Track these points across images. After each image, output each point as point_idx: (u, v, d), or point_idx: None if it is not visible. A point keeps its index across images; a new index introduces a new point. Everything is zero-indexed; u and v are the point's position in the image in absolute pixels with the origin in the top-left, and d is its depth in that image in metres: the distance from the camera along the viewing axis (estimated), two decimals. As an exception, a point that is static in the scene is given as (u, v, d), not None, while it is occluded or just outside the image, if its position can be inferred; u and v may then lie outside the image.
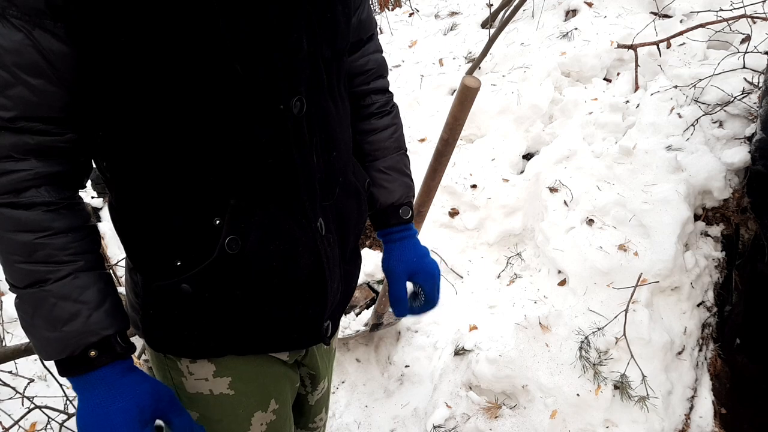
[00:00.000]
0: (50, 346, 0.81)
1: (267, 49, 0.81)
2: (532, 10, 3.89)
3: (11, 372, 2.15)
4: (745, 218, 2.25)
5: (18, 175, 0.77)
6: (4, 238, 0.78)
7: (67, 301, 0.80)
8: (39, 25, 0.72)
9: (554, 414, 1.86)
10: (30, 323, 0.81)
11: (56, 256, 0.80)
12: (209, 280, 0.88)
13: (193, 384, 1.00)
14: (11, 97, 0.74)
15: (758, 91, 2.41)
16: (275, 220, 0.90)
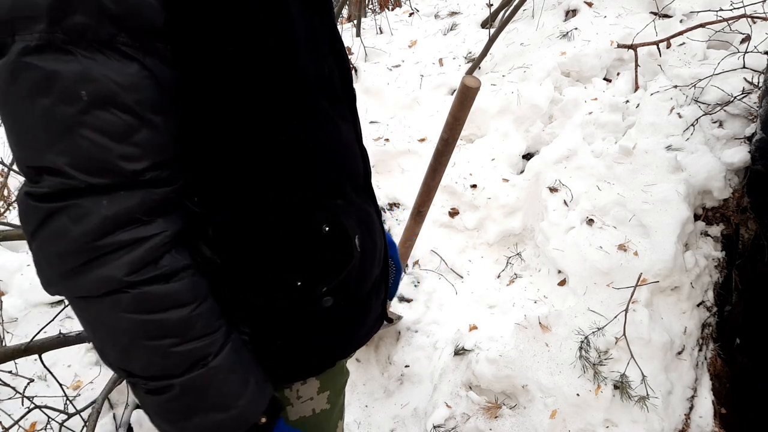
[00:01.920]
0: (224, 428, 0.70)
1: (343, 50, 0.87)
2: (532, 10, 3.89)
3: (11, 372, 2.14)
4: (745, 218, 2.25)
5: (152, 242, 0.64)
6: (153, 323, 0.64)
7: (235, 373, 0.71)
8: (150, 50, 0.61)
9: (554, 414, 1.86)
10: (194, 411, 0.68)
11: (211, 325, 0.69)
12: (345, 286, 0.85)
13: (299, 409, 0.95)
14: (139, 144, 0.62)
15: (758, 91, 2.41)
16: (362, 209, 0.90)
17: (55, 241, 0.62)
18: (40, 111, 0.59)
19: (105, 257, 0.62)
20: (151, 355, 0.66)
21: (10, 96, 0.60)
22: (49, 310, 2.55)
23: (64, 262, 0.62)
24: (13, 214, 3.37)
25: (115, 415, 2.08)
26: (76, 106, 0.59)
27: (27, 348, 1.73)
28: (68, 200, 0.61)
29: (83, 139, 0.60)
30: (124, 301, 0.63)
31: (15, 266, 2.76)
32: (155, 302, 0.64)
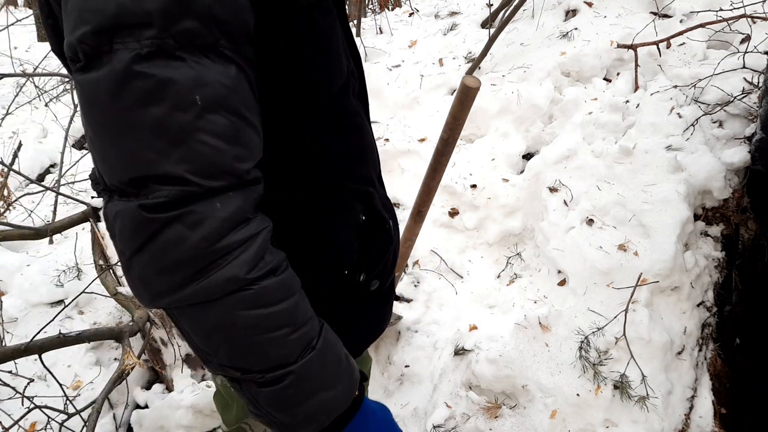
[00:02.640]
0: (334, 404, 0.73)
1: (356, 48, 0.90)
2: (532, 10, 3.89)
3: (11, 372, 2.14)
4: (745, 218, 2.25)
5: (261, 238, 0.65)
6: (272, 316, 0.66)
7: (334, 350, 0.73)
8: (243, 53, 0.63)
9: (554, 414, 1.86)
10: (309, 395, 0.70)
11: (310, 310, 0.72)
12: (386, 269, 0.91)
13: None
14: (246, 144, 0.64)
15: (758, 90, 2.41)
16: (385, 196, 0.97)
17: (172, 250, 0.61)
18: (152, 120, 0.59)
19: (223, 259, 0.62)
20: (270, 347, 0.67)
21: (116, 107, 0.59)
22: (49, 310, 2.55)
23: (181, 271, 0.62)
24: (13, 214, 3.37)
25: (115, 415, 2.08)
26: (192, 111, 0.59)
27: (27, 348, 1.73)
28: (184, 207, 0.61)
29: (202, 144, 0.60)
30: (247, 298, 0.64)
31: (15, 266, 2.76)
32: (272, 295, 0.66)
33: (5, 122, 4.65)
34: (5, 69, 6.06)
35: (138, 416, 2.00)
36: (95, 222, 2.43)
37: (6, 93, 5.94)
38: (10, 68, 5.95)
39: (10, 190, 3.16)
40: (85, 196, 2.85)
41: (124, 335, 1.97)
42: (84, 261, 2.67)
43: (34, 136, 4.57)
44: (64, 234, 2.99)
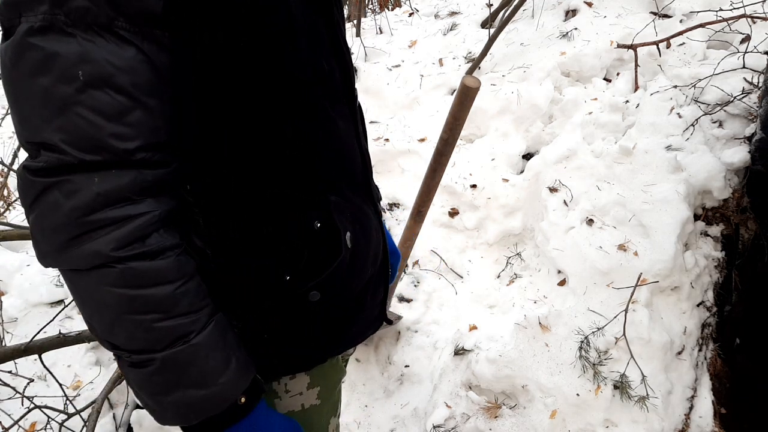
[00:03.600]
0: (204, 404, 0.72)
1: (346, 50, 0.86)
2: (532, 10, 3.89)
3: (11, 372, 2.14)
4: (744, 218, 2.25)
5: (141, 221, 0.66)
6: (138, 298, 0.66)
7: (217, 350, 0.72)
8: (148, 36, 0.64)
9: (554, 414, 1.86)
10: (174, 387, 0.70)
11: (196, 304, 0.71)
12: (333, 282, 0.86)
13: (287, 403, 0.96)
14: (132, 124, 0.65)
15: (758, 91, 2.41)
16: (359, 207, 0.91)
17: (49, 214, 0.65)
18: (40, 89, 0.63)
19: (94, 232, 0.65)
20: (135, 329, 0.68)
21: (15, 74, 0.64)
22: (49, 310, 2.55)
23: (56, 235, 0.65)
24: (13, 214, 3.37)
25: (115, 415, 2.08)
26: (73, 85, 0.62)
27: (27, 348, 1.73)
28: (62, 176, 0.64)
29: (78, 117, 0.63)
30: (111, 275, 0.66)
31: (15, 266, 2.76)
32: (140, 278, 0.67)
33: (5, 122, 4.65)
34: (5, 69, 6.05)
35: (138, 416, 2.00)
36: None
37: (6, 93, 5.94)
38: (10, 68, 5.95)
39: (10, 190, 3.16)
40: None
41: (124, 335, 1.97)
42: (84, 261, 2.67)
43: (34, 136, 4.57)
44: (64, 234, 2.99)
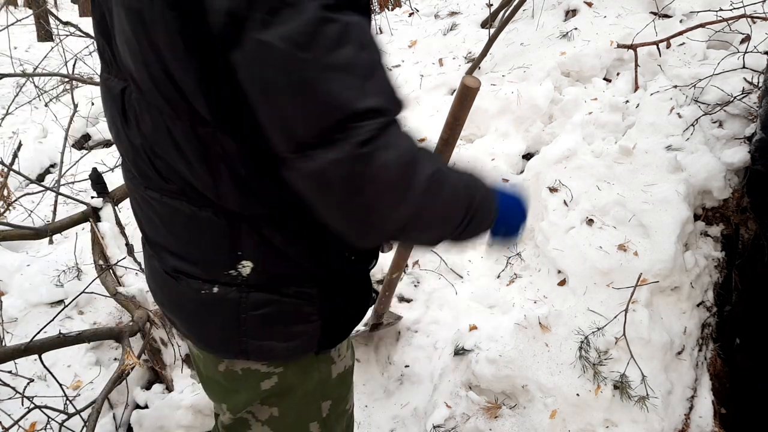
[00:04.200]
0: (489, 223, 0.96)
1: None
2: (532, 10, 3.89)
3: (11, 372, 2.14)
4: (744, 218, 2.25)
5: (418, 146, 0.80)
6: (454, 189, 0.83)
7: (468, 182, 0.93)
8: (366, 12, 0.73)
9: (554, 414, 1.86)
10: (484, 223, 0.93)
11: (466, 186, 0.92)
12: (373, 257, 1.04)
13: (339, 366, 1.09)
14: None
15: (758, 91, 2.41)
16: None
17: (385, 175, 0.69)
18: (345, 61, 0.65)
19: (419, 166, 0.73)
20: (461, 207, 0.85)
21: (306, 56, 0.63)
22: (49, 310, 2.55)
23: (397, 188, 0.71)
24: (13, 214, 3.37)
25: (114, 415, 2.08)
26: (373, 50, 0.68)
27: (27, 348, 1.73)
28: (387, 136, 0.68)
29: (383, 79, 0.69)
30: (443, 178, 0.78)
31: (15, 266, 2.76)
32: (448, 174, 0.81)
33: (5, 122, 4.65)
34: (5, 69, 6.06)
35: (138, 416, 2.00)
36: (95, 222, 2.43)
37: (6, 93, 5.94)
38: (10, 68, 5.96)
39: (10, 190, 3.16)
40: (85, 196, 2.85)
41: (124, 335, 1.97)
42: (84, 261, 2.67)
43: (34, 136, 4.57)
44: (64, 234, 2.99)
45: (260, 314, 0.92)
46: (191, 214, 0.88)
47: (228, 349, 0.97)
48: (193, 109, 0.76)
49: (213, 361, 1.04)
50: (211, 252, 0.90)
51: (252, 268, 0.89)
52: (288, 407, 1.05)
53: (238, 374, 1.01)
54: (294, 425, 1.07)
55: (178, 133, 0.79)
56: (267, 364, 0.99)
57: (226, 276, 0.91)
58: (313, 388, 1.05)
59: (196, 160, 0.81)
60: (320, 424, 1.09)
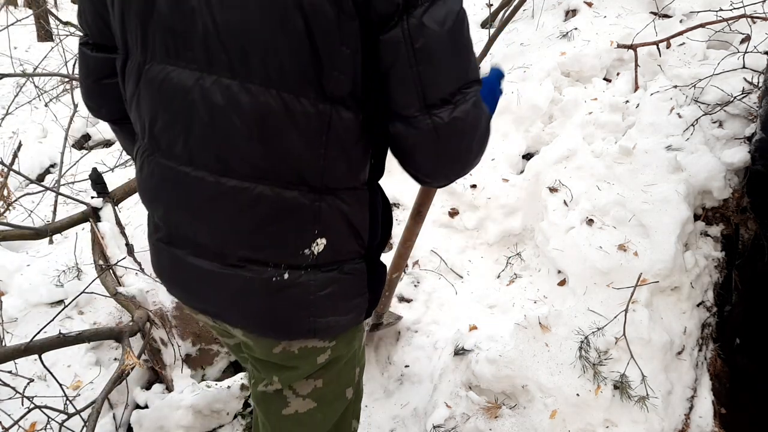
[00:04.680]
0: None
1: None
2: (532, 10, 3.89)
3: (11, 372, 2.14)
4: (744, 218, 2.25)
5: None
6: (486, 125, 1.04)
7: None
8: None
9: (554, 414, 1.86)
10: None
11: None
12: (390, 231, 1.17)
13: (361, 337, 1.21)
14: None
15: (758, 91, 2.41)
16: None
17: (479, 124, 0.97)
18: (467, 41, 0.89)
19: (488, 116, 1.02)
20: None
21: (456, 32, 0.86)
22: (49, 310, 2.55)
23: (486, 133, 1.04)
24: (13, 214, 3.37)
25: (114, 415, 2.08)
26: (468, 32, 0.89)
27: (27, 348, 1.73)
28: (479, 100, 0.93)
29: (475, 57, 0.94)
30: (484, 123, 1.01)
31: (15, 266, 2.75)
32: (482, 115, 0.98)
33: (5, 122, 4.65)
34: (5, 69, 6.05)
35: (138, 416, 2.00)
36: (95, 222, 2.43)
37: (6, 93, 5.94)
38: (10, 68, 5.96)
39: (10, 190, 3.16)
40: (85, 196, 2.85)
41: (124, 335, 1.97)
42: (84, 261, 2.67)
43: (34, 136, 4.57)
44: (64, 234, 2.99)
45: (327, 294, 1.01)
46: (274, 197, 0.92)
47: (296, 332, 1.04)
48: (320, 88, 0.86)
49: (268, 345, 1.08)
50: (289, 234, 0.96)
51: (325, 246, 0.97)
52: (332, 377, 1.15)
53: (294, 353, 1.08)
54: (334, 392, 1.17)
55: (299, 112, 0.87)
56: (323, 340, 1.08)
57: (299, 257, 0.97)
58: (352, 356, 1.17)
59: (310, 138, 0.89)
60: (354, 389, 1.21)
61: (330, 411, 1.18)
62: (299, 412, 1.15)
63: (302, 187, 0.93)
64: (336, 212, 0.97)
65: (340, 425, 1.22)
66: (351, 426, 1.25)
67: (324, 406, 1.17)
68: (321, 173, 0.92)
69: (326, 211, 0.95)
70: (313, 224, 0.95)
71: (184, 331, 2.22)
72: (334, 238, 0.98)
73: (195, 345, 2.23)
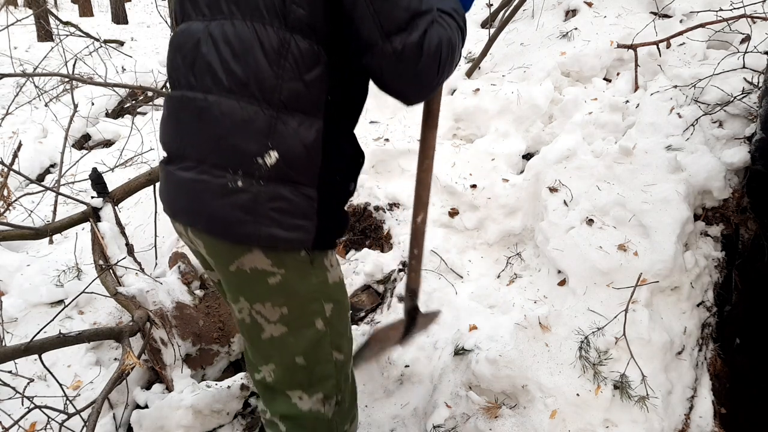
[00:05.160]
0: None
1: None
2: (532, 10, 3.89)
3: (11, 372, 2.15)
4: (744, 218, 2.25)
5: None
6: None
7: None
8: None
9: (554, 414, 1.86)
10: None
11: None
12: (355, 180, 1.34)
13: (334, 274, 1.34)
14: None
15: (758, 90, 2.41)
16: None
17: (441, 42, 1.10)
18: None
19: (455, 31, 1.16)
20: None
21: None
22: (49, 310, 2.55)
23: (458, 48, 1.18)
24: (13, 213, 3.37)
25: (115, 415, 2.08)
26: None
27: (27, 348, 1.73)
28: (434, 24, 1.09)
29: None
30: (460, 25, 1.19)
31: (15, 266, 2.76)
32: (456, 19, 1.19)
33: (5, 122, 4.66)
34: (5, 69, 6.06)
35: (138, 416, 2.00)
36: (95, 222, 2.43)
37: (6, 93, 5.94)
38: (10, 68, 5.96)
39: (10, 190, 3.16)
40: (85, 196, 2.85)
41: (124, 335, 1.97)
42: (84, 261, 2.67)
43: (34, 136, 4.57)
44: (64, 234, 3.00)
45: (274, 207, 1.17)
46: (240, 109, 1.14)
47: (240, 233, 1.18)
48: (283, 18, 1.10)
49: (225, 262, 1.25)
50: (246, 142, 1.14)
51: (277, 159, 1.14)
52: (294, 305, 1.28)
53: (247, 273, 1.23)
54: (301, 320, 1.30)
55: (264, 37, 1.11)
56: (271, 264, 1.22)
57: (253, 165, 1.14)
58: (313, 289, 1.28)
59: (272, 59, 1.12)
60: (324, 322, 1.32)
61: (301, 337, 1.31)
62: (274, 336, 1.31)
63: (263, 103, 1.13)
64: (290, 130, 1.14)
65: (317, 352, 1.34)
66: (332, 356, 1.37)
67: (294, 331, 1.31)
68: (279, 91, 1.12)
69: (280, 126, 1.14)
70: (266, 136, 1.13)
71: (184, 331, 2.22)
72: (285, 153, 1.15)
73: (195, 345, 2.23)
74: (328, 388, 1.39)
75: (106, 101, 5.19)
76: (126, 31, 11.60)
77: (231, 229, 1.18)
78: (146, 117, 4.88)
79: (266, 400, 1.45)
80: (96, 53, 6.66)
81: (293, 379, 1.36)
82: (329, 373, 1.38)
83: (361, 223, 2.92)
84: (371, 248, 2.76)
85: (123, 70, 6.12)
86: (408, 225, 2.74)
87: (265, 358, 1.38)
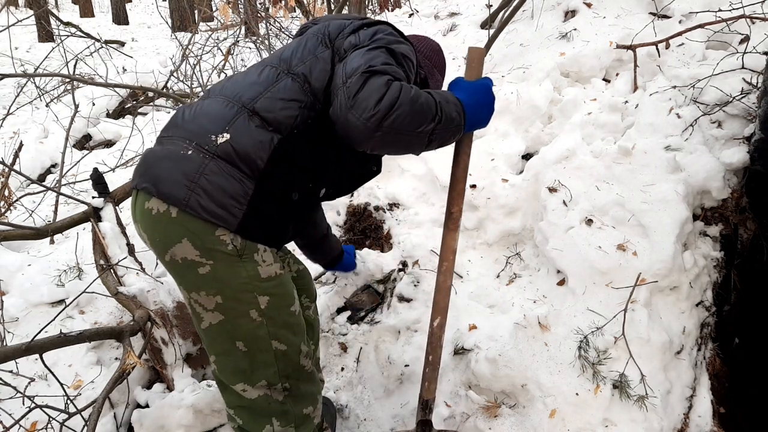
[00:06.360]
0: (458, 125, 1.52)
1: None
2: (532, 10, 3.90)
3: (12, 371, 2.15)
4: (743, 218, 2.26)
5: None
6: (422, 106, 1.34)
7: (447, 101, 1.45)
8: None
9: (553, 413, 1.86)
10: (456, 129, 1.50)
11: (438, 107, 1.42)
12: (307, 196, 1.45)
13: (268, 269, 1.41)
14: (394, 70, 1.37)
15: (757, 91, 2.41)
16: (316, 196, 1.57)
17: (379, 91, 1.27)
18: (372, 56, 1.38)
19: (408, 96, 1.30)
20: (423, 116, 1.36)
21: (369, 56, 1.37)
22: (50, 310, 2.56)
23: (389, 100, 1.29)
24: (14, 213, 3.38)
25: (115, 414, 2.09)
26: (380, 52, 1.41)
27: (28, 348, 1.73)
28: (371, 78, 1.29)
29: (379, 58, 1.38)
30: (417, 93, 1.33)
31: (16, 266, 2.76)
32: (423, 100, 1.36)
33: (6, 122, 4.66)
34: (6, 69, 6.07)
35: (139, 416, 2.00)
36: (96, 222, 2.43)
37: (7, 93, 5.95)
38: (11, 68, 5.97)
39: (11, 190, 3.17)
40: (86, 196, 2.86)
41: (125, 335, 1.97)
42: (85, 261, 2.67)
43: (35, 137, 4.58)
44: (65, 234, 3.00)
45: (211, 180, 1.31)
46: (223, 107, 1.40)
47: (175, 195, 1.30)
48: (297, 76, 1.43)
49: (160, 252, 1.38)
50: (211, 124, 1.36)
51: (227, 140, 1.32)
52: (228, 295, 1.38)
53: (179, 263, 1.36)
54: (235, 309, 1.40)
55: (281, 82, 1.42)
56: (199, 255, 1.33)
57: (205, 140, 1.34)
58: (244, 282, 1.37)
59: (268, 85, 1.42)
60: (259, 313, 1.41)
61: (237, 326, 1.41)
62: (212, 324, 1.42)
63: (241, 106, 1.38)
64: (248, 125, 1.35)
65: (256, 341, 1.44)
66: (271, 345, 1.45)
67: (230, 320, 1.41)
68: (256, 100, 1.38)
69: (241, 121, 1.35)
70: (228, 124, 1.35)
71: (185, 331, 2.22)
72: (236, 138, 1.32)
73: (196, 344, 2.24)
74: (270, 375, 1.47)
75: (107, 101, 5.20)
76: (127, 31, 11.61)
77: (167, 186, 1.31)
78: (147, 117, 4.89)
79: (222, 393, 1.57)
80: (97, 54, 6.67)
81: (236, 367, 1.46)
82: (269, 362, 1.46)
83: (361, 223, 2.93)
84: (371, 248, 2.77)
85: (124, 71, 6.12)
86: (408, 225, 2.75)
87: (209, 347, 1.49)
